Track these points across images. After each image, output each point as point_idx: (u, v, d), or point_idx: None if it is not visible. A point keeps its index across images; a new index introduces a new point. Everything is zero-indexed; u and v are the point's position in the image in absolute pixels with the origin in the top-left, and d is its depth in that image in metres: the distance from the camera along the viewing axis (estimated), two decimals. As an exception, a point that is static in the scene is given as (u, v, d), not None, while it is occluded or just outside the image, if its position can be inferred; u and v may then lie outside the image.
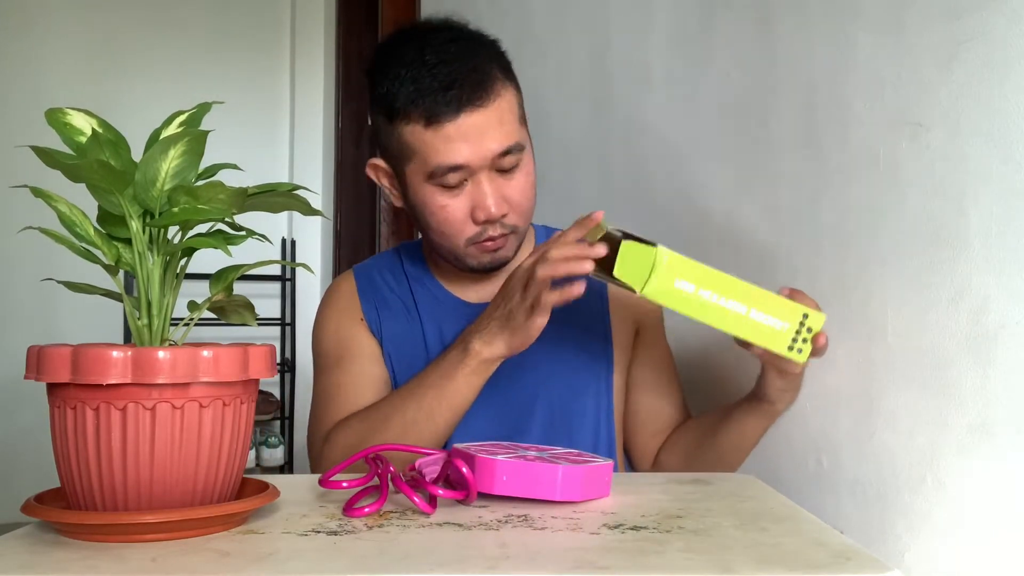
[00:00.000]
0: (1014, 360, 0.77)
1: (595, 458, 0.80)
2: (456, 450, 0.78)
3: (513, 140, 1.01)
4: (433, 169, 1.00)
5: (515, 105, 1.04)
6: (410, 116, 1.00)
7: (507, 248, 1.07)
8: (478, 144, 0.99)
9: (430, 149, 1.00)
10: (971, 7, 0.81)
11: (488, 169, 1.01)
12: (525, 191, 1.05)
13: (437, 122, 0.99)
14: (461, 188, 1.02)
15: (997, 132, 0.79)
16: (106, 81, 3.06)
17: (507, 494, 0.74)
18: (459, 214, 1.03)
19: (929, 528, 0.86)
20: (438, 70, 0.99)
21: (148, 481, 0.62)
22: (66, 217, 0.66)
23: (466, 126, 0.99)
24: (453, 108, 0.98)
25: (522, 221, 1.06)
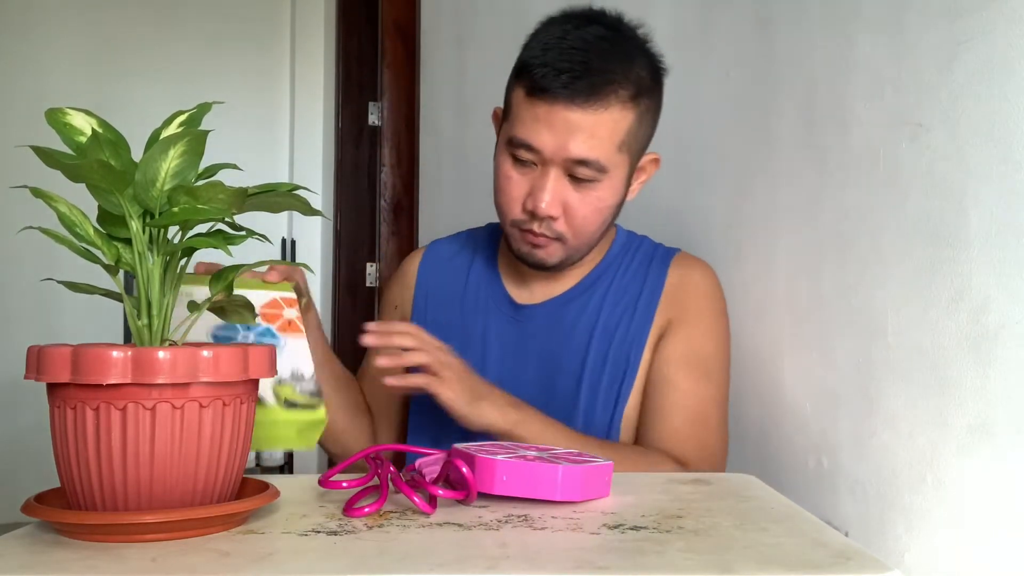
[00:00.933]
0: (1014, 360, 0.77)
1: (595, 458, 0.79)
2: (456, 450, 0.78)
3: (596, 156, 0.99)
4: (512, 136, 1.01)
5: (622, 129, 1.00)
6: (522, 79, 1.01)
7: (548, 252, 1.05)
8: (560, 138, 0.98)
9: (519, 117, 1.01)
10: (971, 7, 0.81)
11: (560, 167, 1.00)
12: (587, 210, 1.02)
13: (535, 97, 0.99)
14: (530, 169, 1.01)
15: (997, 132, 0.79)
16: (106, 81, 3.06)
17: (507, 494, 0.74)
18: (516, 192, 1.02)
19: (929, 528, 0.86)
20: (569, 54, 0.98)
21: (148, 481, 0.62)
22: (66, 217, 0.66)
23: (558, 116, 0.98)
24: (554, 92, 0.97)
25: (574, 236, 1.04)
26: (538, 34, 1.03)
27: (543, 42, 1.01)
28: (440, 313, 1.16)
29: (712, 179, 1.27)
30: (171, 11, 3.18)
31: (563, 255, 1.06)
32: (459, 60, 2.21)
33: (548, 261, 1.06)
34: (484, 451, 0.77)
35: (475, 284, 1.17)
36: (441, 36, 2.38)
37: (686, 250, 1.17)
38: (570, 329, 1.10)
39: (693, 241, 1.25)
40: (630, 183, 1.07)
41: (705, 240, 1.25)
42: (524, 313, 1.13)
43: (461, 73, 2.20)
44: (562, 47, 0.98)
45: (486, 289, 1.16)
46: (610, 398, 1.08)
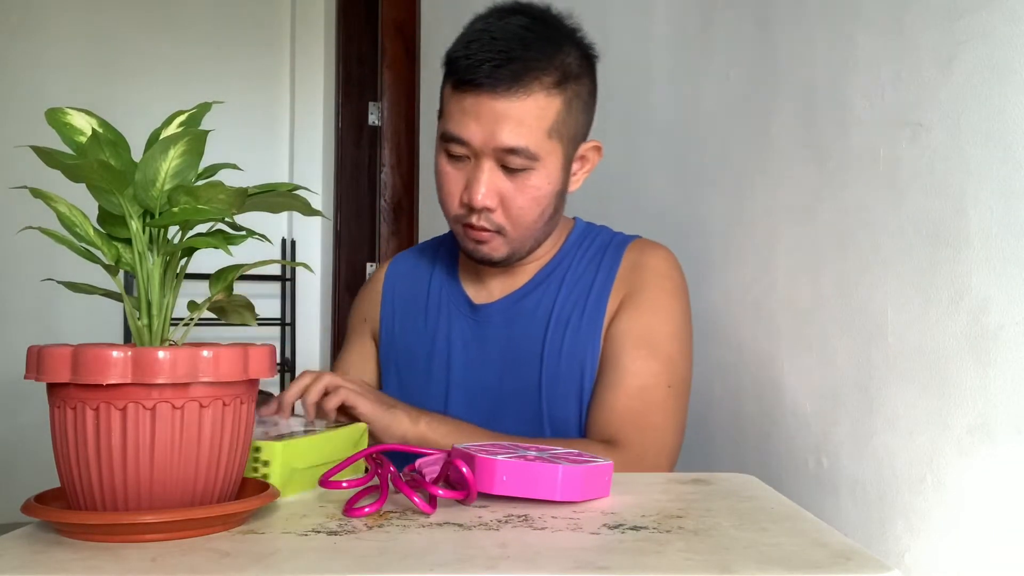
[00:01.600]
0: (1014, 360, 0.77)
1: (595, 458, 0.79)
2: (456, 450, 0.78)
3: (525, 143, 0.98)
4: (444, 131, 1.02)
5: (550, 116, 1.00)
6: (449, 74, 1.02)
7: (492, 247, 1.05)
8: (487, 128, 0.98)
9: (448, 112, 1.02)
10: (971, 7, 0.81)
11: (492, 158, 0.99)
12: (524, 201, 1.01)
13: (461, 90, 0.99)
14: (464, 163, 1.01)
15: (997, 132, 0.79)
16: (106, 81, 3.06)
17: (507, 494, 0.74)
18: (454, 187, 1.03)
19: (929, 528, 0.86)
20: (490, 44, 0.98)
21: (148, 481, 0.62)
22: (66, 217, 0.66)
23: (483, 106, 0.98)
24: (478, 82, 0.97)
25: (513, 227, 1.03)
26: (464, 30, 1.04)
27: (467, 36, 1.02)
28: (407, 321, 1.17)
29: (712, 179, 1.27)
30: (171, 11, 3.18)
31: (508, 249, 1.05)
32: (459, 60, 2.20)
33: (494, 256, 1.06)
34: (484, 451, 0.77)
35: (437, 289, 1.17)
36: (441, 36, 2.38)
37: (684, 250, 1.16)
38: (527, 324, 1.10)
39: (693, 241, 1.25)
40: (569, 172, 1.06)
41: (705, 240, 1.25)
42: (482, 313, 1.13)
43: (461, 73, 2.20)
44: (483, 39, 0.99)
45: (447, 293, 1.16)
46: (571, 391, 1.06)
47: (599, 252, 1.12)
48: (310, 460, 0.79)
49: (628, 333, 1.05)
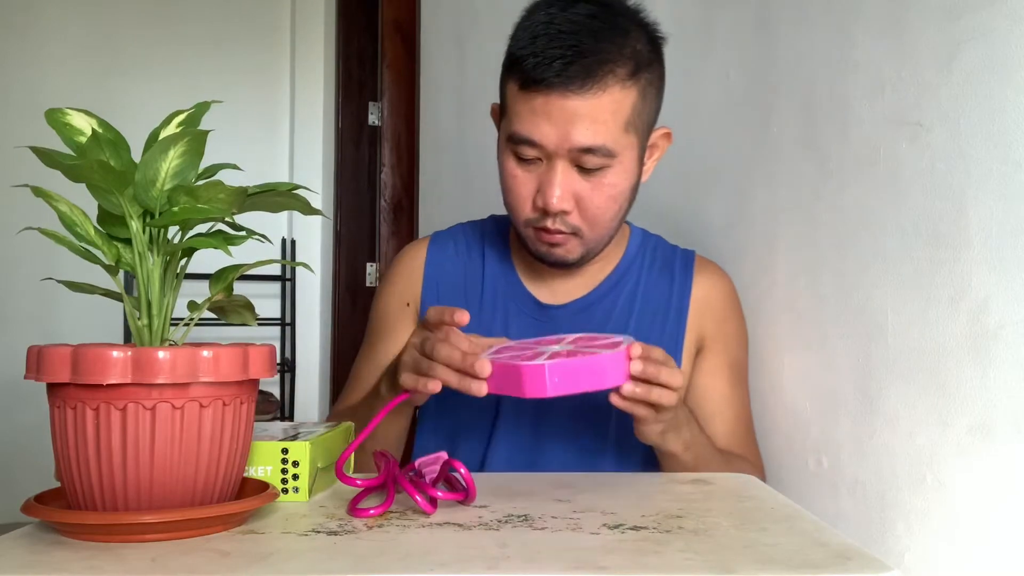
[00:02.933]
0: (1014, 360, 0.77)
1: (615, 342, 0.83)
2: (496, 364, 0.81)
3: (602, 141, 0.93)
4: (512, 133, 0.96)
5: (626, 109, 0.94)
6: (513, 72, 0.96)
7: (568, 249, 1.00)
8: (562, 129, 0.92)
9: (516, 113, 0.95)
10: (971, 7, 0.81)
11: (566, 159, 0.94)
12: (601, 199, 0.97)
13: (530, 90, 0.93)
14: (535, 165, 0.96)
15: (997, 132, 0.79)
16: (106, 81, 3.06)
17: (496, 393, 0.79)
18: (524, 190, 0.97)
19: (929, 528, 0.86)
20: (558, 39, 0.92)
21: (148, 481, 0.62)
22: (66, 217, 0.66)
23: (556, 106, 0.92)
24: (549, 82, 0.91)
25: (590, 228, 0.99)
26: (524, 22, 0.97)
27: (530, 31, 0.95)
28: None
29: (712, 179, 1.27)
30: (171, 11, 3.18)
31: (583, 250, 1.01)
32: (459, 60, 2.21)
33: (568, 258, 1.01)
34: (516, 358, 0.80)
35: (492, 281, 1.10)
36: (441, 36, 2.38)
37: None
38: (599, 331, 1.04)
39: (693, 241, 1.25)
40: (642, 163, 1.02)
41: (705, 240, 1.25)
42: (549, 314, 1.08)
43: (461, 73, 2.20)
44: (550, 33, 0.93)
45: (504, 287, 1.10)
46: None
47: (667, 267, 1.11)
48: (325, 460, 0.80)
49: (725, 365, 1.10)
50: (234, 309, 0.71)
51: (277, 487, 0.72)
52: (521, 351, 0.83)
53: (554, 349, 0.82)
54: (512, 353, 0.83)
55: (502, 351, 0.85)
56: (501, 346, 0.87)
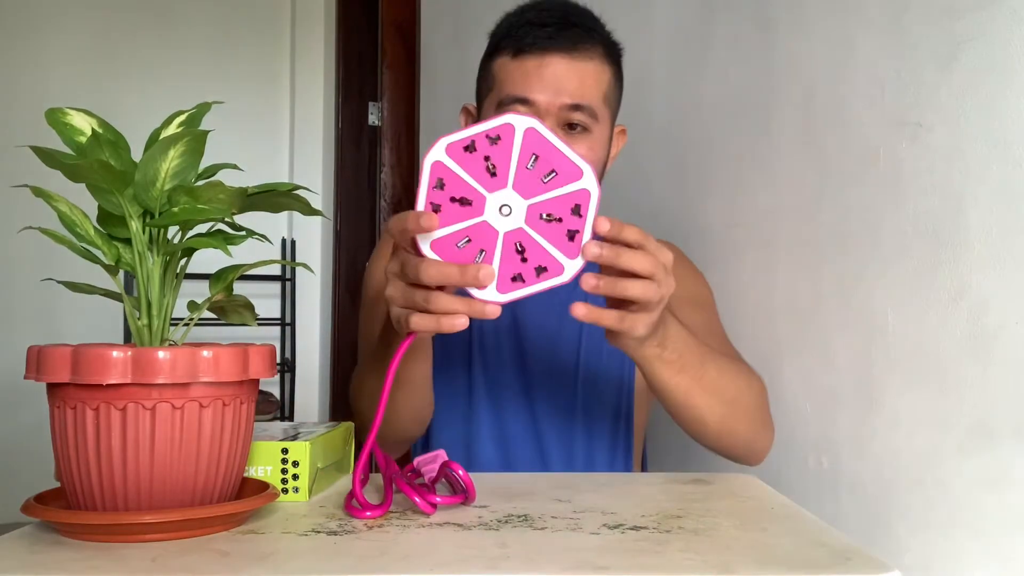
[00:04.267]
0: (1014, 360, 0.77)
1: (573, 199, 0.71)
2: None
3: (588, 100, 1.01)
4: (503, 97, 1.02)
5: (604, 82, 1.03)
6: (502, 49, 1.03)
7: None
8: (553, 86, 1.00)
9: (507, 78, 1.02)
10: (971, 7, 0.81)
11: (554, 119, 1.00)
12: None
13: (523, 54, 1.01)
14: None
15: (997, 132, 0.79)
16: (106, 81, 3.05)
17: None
18: None
19: (929, 528, 0.86)
20: (547, 12, 1.02)
21: (148, 481, 0.61)
22: (66, 217, 0.66)
23: (548, 66, 1.00)
24: (542, 45, 1.00)
25: None
26: (508, 13, 1.06)
27: (518, 11, 1.04)
28: None
29: (712, 179, 1.27)
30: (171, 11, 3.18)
31: None
32: (459, 60, 2.20)
33: None
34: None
35: None
36: (441, 36, 2.38)
37: (684, 249, 1.17)
38: (556, 312, 1.10)
39: (693, 241, 1.25)
40: (609, 147, 1.08)
41: (705, 240, 1.25)
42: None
43: (461, 73, 2.20)
44: (538, 9, 1.03)
45: None
46: (613, 362, 1.09)
47: None
48: (324, 460, 0.80)
49: (682, 299, 1.02)
50: (234, 309, 0.71)
51: (277, 487, 0.72)
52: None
53: (506, 229, 0.70)
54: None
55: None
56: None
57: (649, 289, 0.73)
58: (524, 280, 0.70)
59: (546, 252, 0.70)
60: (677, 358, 0.84)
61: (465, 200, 0.69)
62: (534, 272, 0.70)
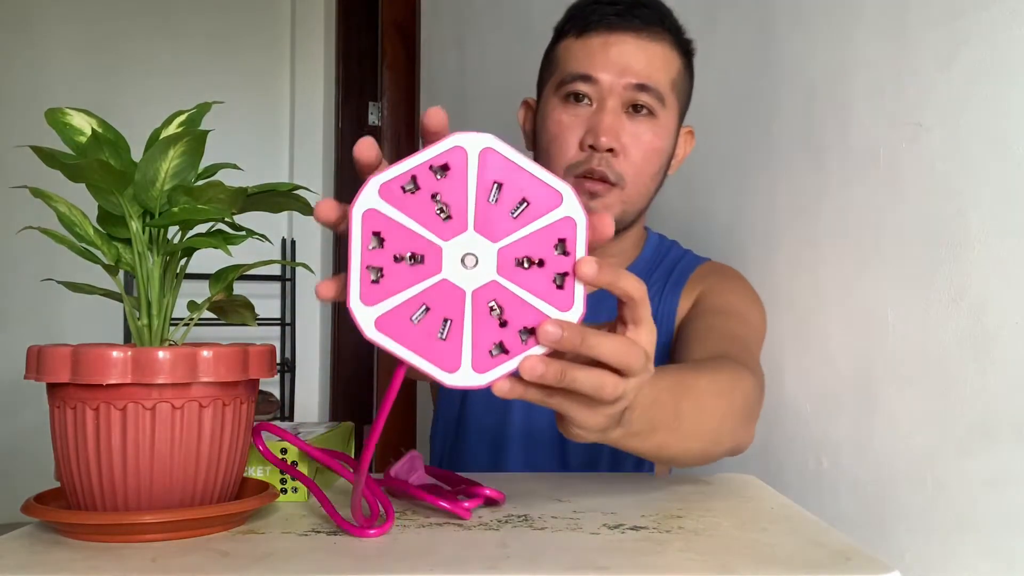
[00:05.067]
0: (1014, 360, 0.77)
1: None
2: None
3: (655, 81, 0.97)
4: (565, 76, 0.98)
5: (673, 69, 0.99)
6: (568, 30, 1.00)
7: (605, 203, 0.97)
8: (619, 63, 0.96)
9: (571, 57, 0.99)
10: (971, 7, 0.81)
11: (616, 99, 0.96)
12: (643, 150, 0.98)
13: (588, 31, 0.98)
14: (583, 108, 0.98)
15: (997, 132, 0.79)
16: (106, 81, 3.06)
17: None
18: (570, 134, 0.98)
19: (929, 528, 0.86)
20: None
21: (148, 481, 0.61)
22: (66, 217, 0.66)
23: (614, 44, 0.96)
24: (609, 22, 0.97)
25: (632, 180, 0.98)
26: (574, 2, 1.02)
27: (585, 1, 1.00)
28: None
29: (713, 179, 1.27)
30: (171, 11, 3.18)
31: (620, 208, 0.99)
32: (459, 60, 2.21)
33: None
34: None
35: None
36: (441, 36, 2.38)
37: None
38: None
39: (693, 241, 1.25)
40: (675, 145, 1.03)
41: (705, 240, 1.25)
42: None
43: (461, 73, 2.20)
44: None
45: None
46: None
47: (665, 274, 1.07)
48: None
49: (715, 307, 1.00)
50: (234, 309, 0.71)
51: (277, 487, 0.72)
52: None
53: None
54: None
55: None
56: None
57: (614, 387, 0.55)
58: (508, 350, 0.53)
59: (531, 308, 0.53)
60: (646, 425, 0.66)
61: (415, 257, 0.53)
62: (519, 337, 0.53)
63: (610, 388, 0.54)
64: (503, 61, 1.91)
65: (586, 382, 0.54)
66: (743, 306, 1.02)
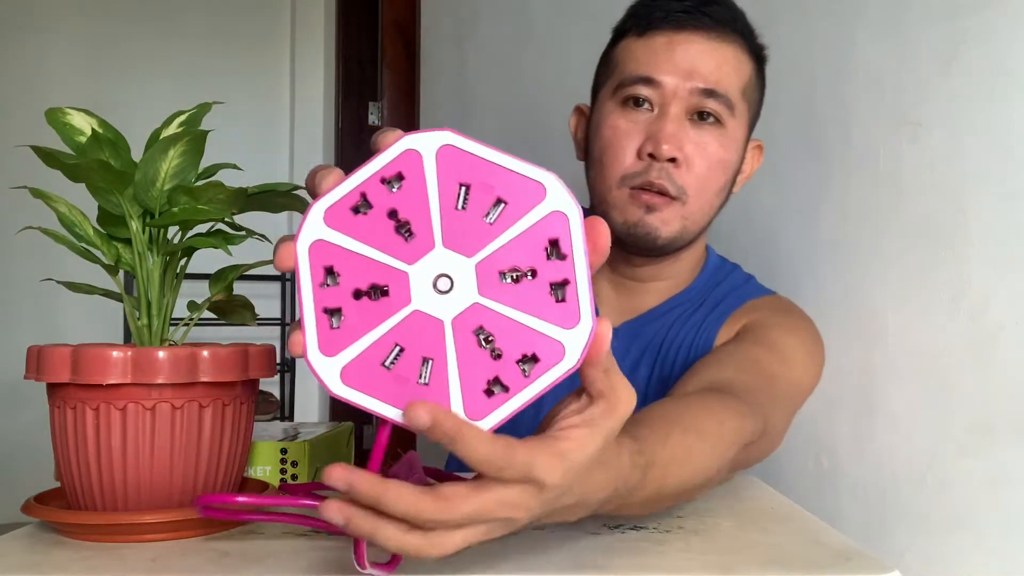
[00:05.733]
0: (1014, 360, 0.77)
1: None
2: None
3: (724, 87, 0.87)
4: (624, 78, 0.89)
5: (744, 73, 0.89)
6: (629, 29, 0.91)
7: (663, 217, 0.87)
8: (684, 65, 0.86)
9: (631, 58, 0.89)
10: (971, 7, 0.81)
11: (681, 104, 0.87)
12: (707, 162, 0.87)
13: (651, 29, 0.88)
14: (643, 114, 0.88)
15: (997, 132, 0.79)
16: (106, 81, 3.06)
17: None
18: (627, 141, 0.88)
19: (929, 528, 0.86)
20: None
21: (148, 481, 0.61)
22: (66, 217, 0.66)
23: (680, 44, 0.87)
24: (675, 20, 0.87)
25: (694, 194, 0.88)
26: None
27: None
28: None
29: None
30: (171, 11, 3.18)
31: (679, 226, 0.89)
32: (459, 60, 2.21)
33: (661, 231, 0.88)
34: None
35: None
36: (441, 36, 2.38)
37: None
38: (638, 354, 0.95)
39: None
40: (742, 159, 0.93)
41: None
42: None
43: (461, 73, 2.20)
44: None
45: None
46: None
47: (713, 304, 0.96)
48: (325, 460, 0.80)
49: (755, 340, 0.88)
50: (234, 309, 0.71)
51: (277, 487, 0.72)
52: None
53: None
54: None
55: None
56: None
57: (418, 544, 0.45)
58: (507, 386, 0.44)
59: (528, 330, 0.44)
60: (620, 503, 0.56)
61: (377, 289, 0.44)
62: (518, 369, 0.44)
63: (423, 547, 0.45)
64: (503, 61, 1.91)
65: (384, 536, 0.45)
66: (791, 349, 0.88)
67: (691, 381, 0.78)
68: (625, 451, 0.53)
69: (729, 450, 0.67)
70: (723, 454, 0.66)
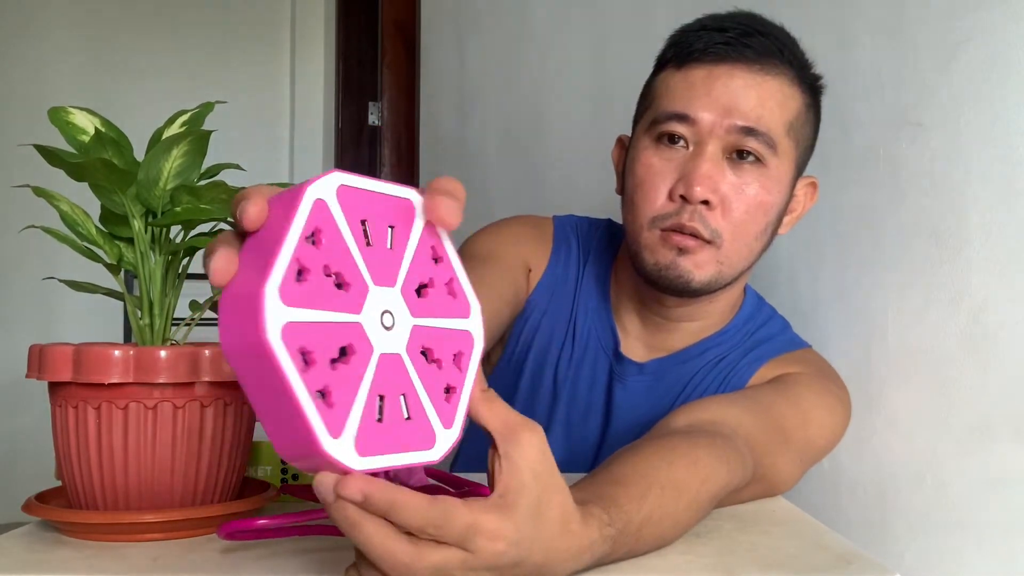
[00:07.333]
0: (1014, 360, 0.77)
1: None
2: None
3: (766, 125, 0.81)
4: (659, 113, 0.84)
5: (791, 108, 0.83)
6: (668, 60, 0.86)
7: (696, 261, 0.83)
8: (723, 102, 0.81)
9: (668, 92, 0.84)
10: (971, 7, 0.81)
11: (720, 143, 0.81)
12: (746, 205, 0.82)
13: (690, 61, 0.83)
14: (678, 152, 0.83)
15: (997, 132, 0.79)
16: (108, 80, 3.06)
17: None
18: (660, 181, 0.83)
19: (929, 528, 0.86)
20: (728, 20, 0.83)
21: (149, 480, 0.62)
22: (68, 216, 0.66)
23: (719, 78, 0.81)
24: (716, 52, 0.81)
25: (730, 238, 0.83)
26: (683, 26, 0.88)
27: (695, 24, 0.86)
28: (550, 325, 0.96)
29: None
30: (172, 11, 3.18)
31: (713, 271, 0.84)
32: (459, 60, 2.21)
33: (694, 276, 0.83)
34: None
35: (582, 309, 0.96)
36: (441, 36, 2.38)
37: None
38: (662, 395, 0.92)
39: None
40: (790, 199, 0.87)
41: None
42: (623, 368, 0.93)
43: (461, 73, 2.20)
44: (717, 18, 0.85)
45: (589, 320, 0.96)
46: None
47: (746, 350, 0.92)
48: None
49: (772, 383, 0.86)
50: (235, 309, 0.71)
51: (277, 487, 0.72)
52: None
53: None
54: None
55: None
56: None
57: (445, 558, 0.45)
58: (454, 387, 0.48)
59: (448, 332, 0.48)
60: (593, 566, 0.54)
61: (347, 351, 0.43)
62: (455, 368, 0.48)
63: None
64: (503, 61, 1.91)
65: (369, 542, 0.44)
66: (813, 407, 0.84)
67: (691, 413, 0.75)
68: (594, 523, 0.52)
69: (710, 503, 0.65)
70: (702, 507, 0.64)
